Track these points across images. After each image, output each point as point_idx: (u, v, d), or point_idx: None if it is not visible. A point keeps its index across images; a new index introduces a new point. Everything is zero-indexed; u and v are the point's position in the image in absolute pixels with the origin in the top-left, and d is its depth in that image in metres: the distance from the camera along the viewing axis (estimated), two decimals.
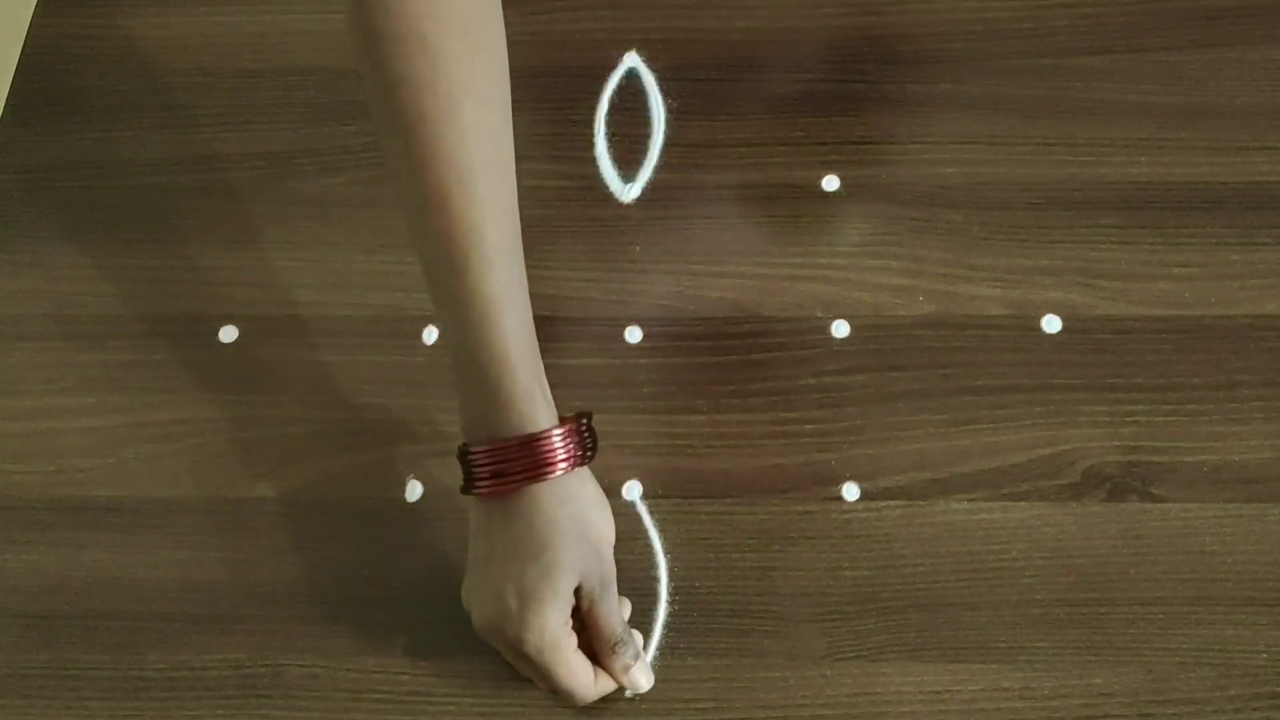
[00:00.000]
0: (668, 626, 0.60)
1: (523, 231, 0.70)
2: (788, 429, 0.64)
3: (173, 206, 0.72)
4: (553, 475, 0.54)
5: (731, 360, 0.66)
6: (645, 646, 0.60)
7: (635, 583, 0.61)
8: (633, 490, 0.63)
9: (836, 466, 0.63)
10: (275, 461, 0.65)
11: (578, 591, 0.55)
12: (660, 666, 0.60)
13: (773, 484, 0.63)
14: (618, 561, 0.57)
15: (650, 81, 0.74)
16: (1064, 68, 0.73)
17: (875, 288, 0.68)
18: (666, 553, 0.62)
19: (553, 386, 0.65)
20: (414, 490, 0.64)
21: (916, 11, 0.76)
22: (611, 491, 0.63)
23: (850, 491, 0.63)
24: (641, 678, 0.58)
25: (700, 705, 0.59)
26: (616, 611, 0.57)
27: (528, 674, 0.57)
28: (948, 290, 0.68)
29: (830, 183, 0.71)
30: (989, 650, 0.59)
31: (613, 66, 0.75)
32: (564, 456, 0.55)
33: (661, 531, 0.62)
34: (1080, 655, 0.59)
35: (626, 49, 0.75)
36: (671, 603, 0.61)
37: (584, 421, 0.57)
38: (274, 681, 0.60)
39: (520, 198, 0.71)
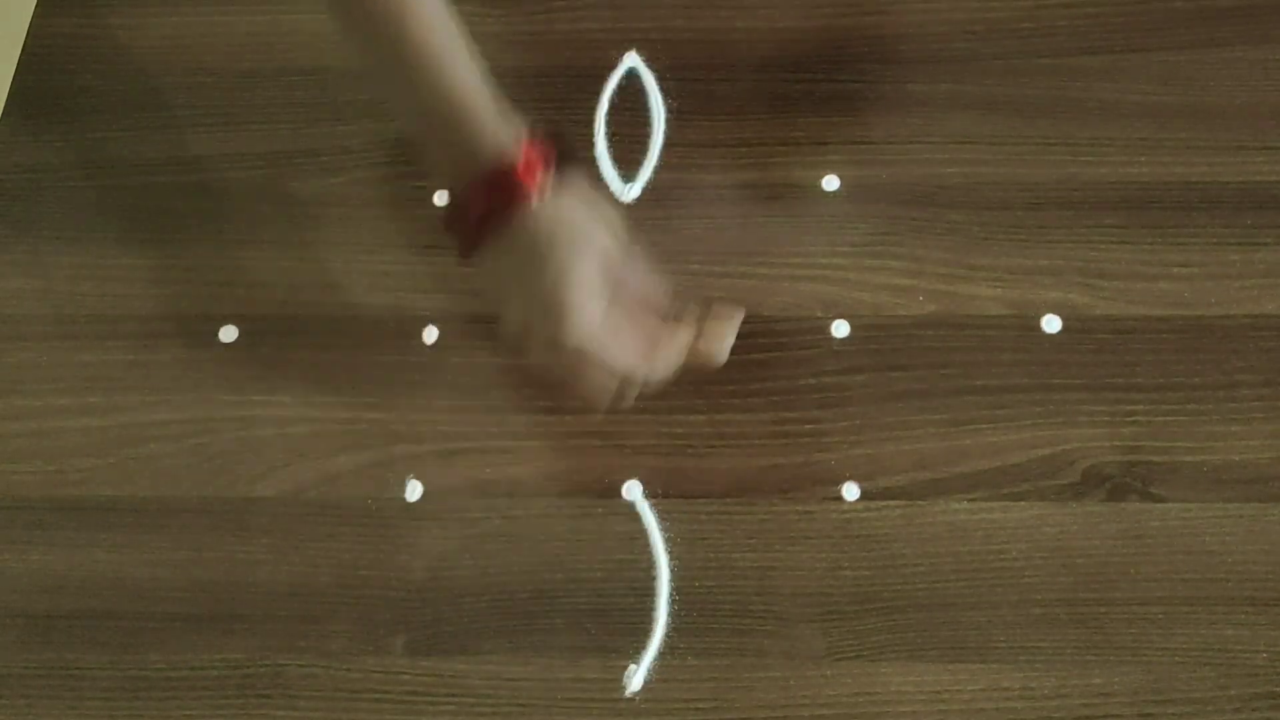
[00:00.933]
0: (668, 626, 0.60)
1: None
2: (788, 429, 0.64)
3: (173, 206, 0.72)
4: (541, 188, 0.56)
5: (731, 360, 0.66)
6: (645, 646, 0.60)
7: (635, 583, 0.61)
8: (633, 490, 0.63)
9: (836, 466, 0.63)
10: (275, 461, 0.65)
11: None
12: (660, 666, 0.60)
13: (773, 484, 0.63)
14: (618, 561, 0.58)
15: (650, 81, 0.74)
16: (1064, 68, 0.73)
17: (875, 287, 0.68)
18: (667, 553, 0.62)
19: (553, 386, 0.65)
20: (414, 490, 0.64)
21: (916, 11, 0.76)
22: (611, 491, 0.63)
23: (850, 491, 0.63)
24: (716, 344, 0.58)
25: (700, 705, 0.59)
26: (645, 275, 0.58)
27: (563, 374, 0.57)
28: (948, 290, 0.68)
29: (830, 182, 0.71)
30: (989, 650, 0.59)
31: (613, 66, 0.75)
32: (543, 165, 0.56)
33: (662, 531, 0.62)
34: (1080, 655, 0.59)
35: (626, 49, 0.75)
36: (672, 603, 0.61)
37: (544, 134, 0.58)
38: (274, 681, 0.60)
39: None
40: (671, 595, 0.61)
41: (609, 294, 0.57)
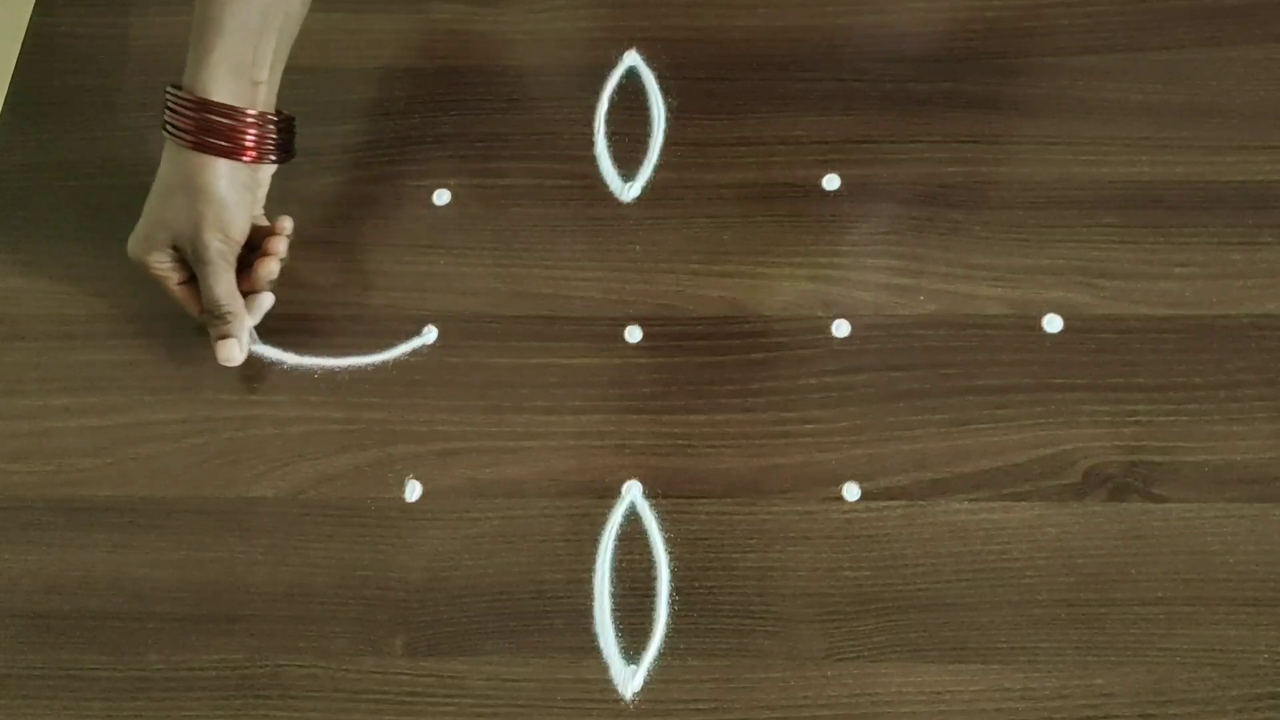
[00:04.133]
0: (668, 627, 0.60)
1: (523, 230, 0.70)
2: (788, 429, 0.64)
3: None
4: (184, 142, 0.63)
5: (731, 360, 0.66)
6: (645, 647, 0.60)
7: (635, 583, 0.61)
8: (633, 490, 0.63)
9: (837, 466, 0.63)
10: (275, 461, 0.65)
11: (181, 250, 0.65)
12: (660, 667, 0.59)
13: (773, 484, 0.63)
14: (618, 560, 0.58)
15: (650, 80, 0.74)
16: (1065, 67, 0.73)
17: (876, 287, 0.68)
18: (667, 553, 0.62)
19: (553, 386, 0.66)
20: (414, 490, 0.64)
21: (916, 11, 0.76)
22: (611, 492, 0.63)
23: (851, 491, 0.63)
24: (224, 349, 0.65)
25: (700, 705, 0.59)
26: (216, 287, 0.64)
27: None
28: (949, 290, 0.67)
29: (831, 182, 0.71)
30: (990, 651, 0.59)
31: (612, 65, 0.75)
32: (196, 133, 0.63)
33: (662, 531, 0.62)
34: (1081, 655, 0.59)
35: (626, 48, 0.75)
36: (672, 603, 0.61)
37: (272, 122, 0.65)
38: (273, 681, 0.60)
39: (520, 197, 0.72)
40: (671, 595, 0.61)
41: (191, 262, 0.65)
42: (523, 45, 0.76)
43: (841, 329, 0.67)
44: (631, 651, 0.60)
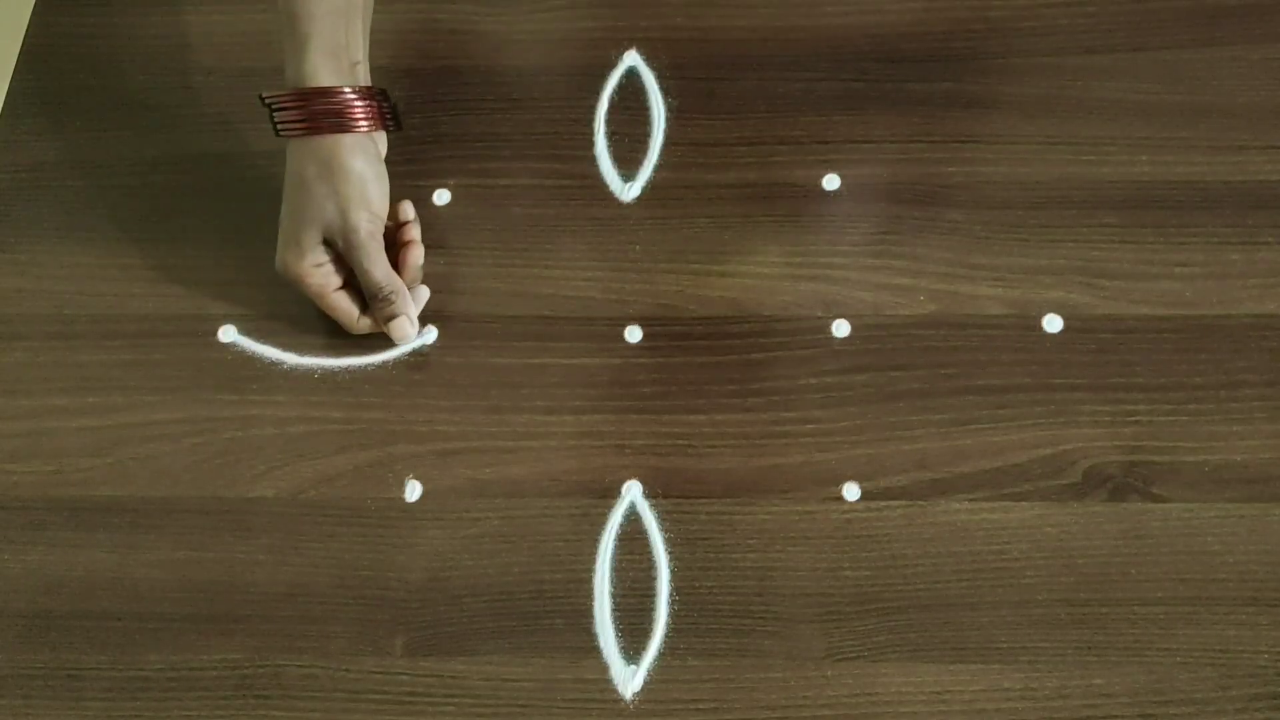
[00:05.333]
0: (668, 627, 0.60)
1: (523, 230, 0.70)
2: (788, 429, 0.64)
3: (173, 206, 0.72)
4: (308, 133, 0.64)
5: (731, 360, 0.66)
6: (645, 647, 0.60)
7: (635, 583, 0.61)
8: (633, 490, 0.63)
9: (837, 466, 0.63)
10: (275, 461, 0.65)
11: (333, 244, 0.65)
12: (660, 667, 0.59)
13: (773, 484, 0.63)
14: (618, 560, 0.58)
15: (650, 80, 0.74)
16: (1065, 67, 0.73)
17: (876, 287, 0.68)
18: (667, 553, 0.62)
19: (553, 386, 0.66)
20: (414, 490, 0.64)
21: (917, 10, 0.76)
22: (611, 492, 0.63)
23: (851, 491, 0.63)
24: (398, 329, 0.66)
25: (700, 706, 0.59)
26: (374, 269, 0.65)
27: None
28: (949, 290, 0.67)
29: (831, 181, 0.71)
30: (990, 650, 0.59)
31: (612, 65, 0.75)
32: (322, 120, 0.63)
33: (662, 531, 0.62)
34: (1081, 655, 0.59)
35: (626, 48, 0.75)
36: (672, 603, 0.61)
37: (377, 95, 0.66)
38: (273, 682, 0.60)
39: (520, 197, 0.72)
40: (671, 595, 0.61)
41: (340, 249, 0.65)
42: (523, 45, 0.76)
43: (841, 329, 0.67)
44: (631, 651, 0.60)
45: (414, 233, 0.68)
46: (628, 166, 0.72)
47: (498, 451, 0.65)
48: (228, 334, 0.68)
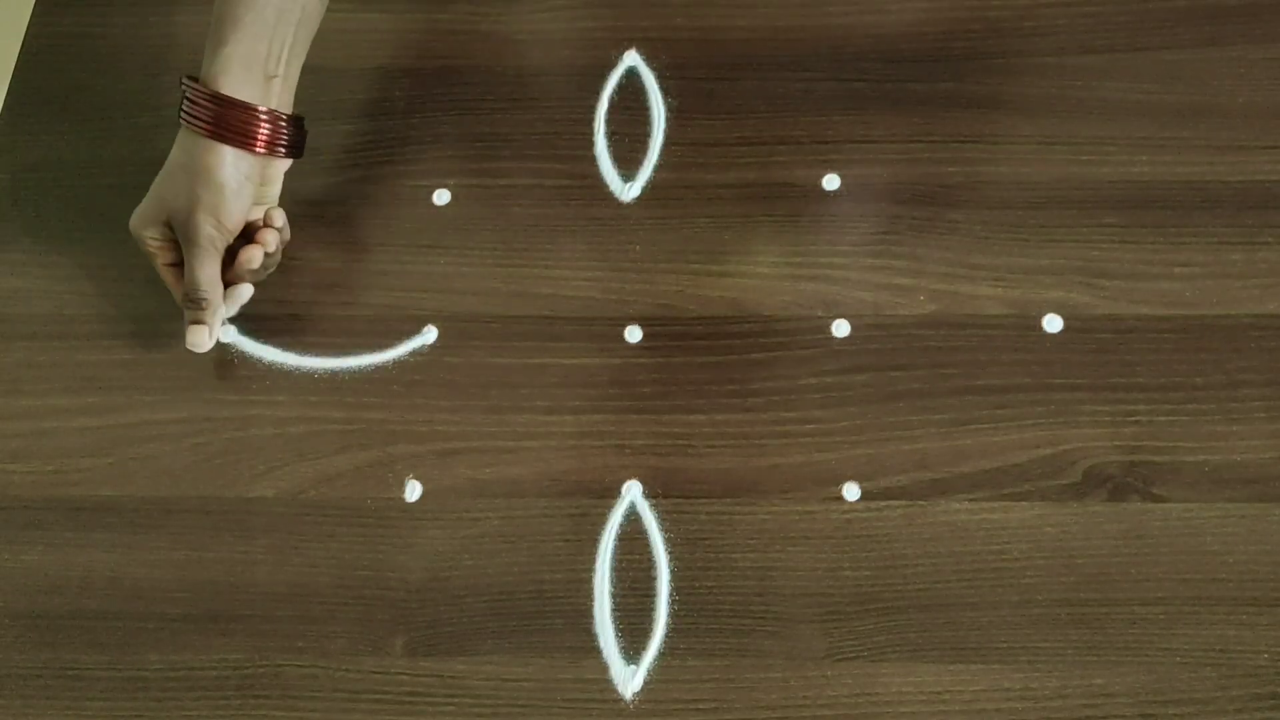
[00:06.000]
0: (668, 627, 0.60)
1: (523, 230, 0.70)
2: (788, 429, 0.64)
3: None
4: (196, 129, 0.64)
5: (731, 360, 0.66)
6: (645, 647, 0.60)
7: (635, 583, 0.61)
8: (632, 490, 0.63)
9: (837, 466, 0.63)
10: (275, 461, 0.65)
11: (175, 232, 0.66)
12: (660, 667, 0.59)
13: (773, 484, 0.63)
14: (618, 560, 0.58)
15: (650, 80, 0.74)
16: (1065, 67, 0.73)
17: (876, 287, 0.68)
18: (667, 553, 0.62)
19: (553, 386, 0.66)
20: (413, 490, 0.64)
21: (917, 10, 0.76)
22: (611, 492, 0.63)
23: (851, 491, 0.63)
24: (193, 334, 0.65)
25: (700, 705, 0.59)
26: (197, 271, 0.65)
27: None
28: (949, 290, 0.67)
29: (831, 181, 0.71)
30: (990, 650, 0.59)
31: (612, 65, 0.75)
32: (209, 122, 0.63)
33: (662, 531, 0.62)
34: (1081, 655, 0.59)
35: (626, 47, 0.75)
36: (672, 603, 0.61)
37: (283, 117, 0.66)
38: (273, 682, 0.60)
39: (520, 197, 0.72)
40: (671, 595, 0.61)
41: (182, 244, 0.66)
42: (523, 45, 0.76)
43: (841, 329, 0.67)
44: (631, 651, 0.60)
45: (265, 237, 0.67)
46: (628, 166, 0.72)
47: (498, 451, 0.65)
48: (228, 334, 0.68)
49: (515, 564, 0.62)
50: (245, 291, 0.67)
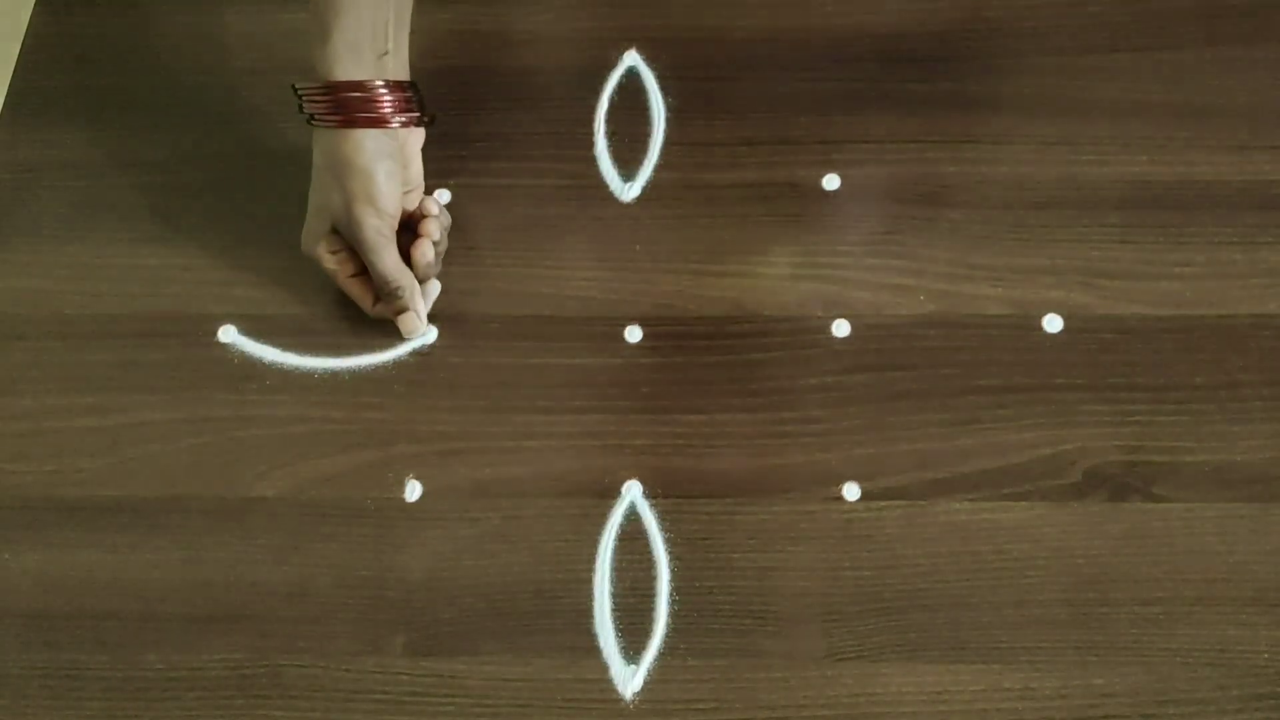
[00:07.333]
0: (668, 627, 0.60)
1: (523, 230, 0.71)
2: (788, 429, 0.64)
3: (173, 206, 0.72)
4: (326, 124, 0.64)
5: (731, 360, 0.66)
6: (645, 647, 0.60)
7: (635, 583, 0.61)
8: (633, 490, 0.63)
9: (837, 466, 0.63)
10: (275, 461, 0.65)
11: (344, 238, 0.66)
12: (660, 667, 0.59)
13: (773, 484, 0.63)
14: (618, 560, 0.58)
15: (650, 80, 0.74)
16: (1065, 67, 0.73)
17: (876, 287, 0.68)
18: (667, 553, 0.62)
19: (553, 386, 0.66)
20: (413, 490, 0.64)
21: (917, 10, 0.76)
22: (611, 491, 0.63)
23: (851, 491, 0.63)
24: (405, 323, 0.66)
25: (700, 705, 0.59)
26: (380, 263, 0.65)
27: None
28: (949, 289, 0.67)
29: (831, 181, 0.71)
30: (990, 650, 0.59)
31: (612, 65, 0.75)
32: (334, 112, 0.63)
33: (662, 531, 0.62)
34: (1082, 655, 0.59)
35: (626, 47, 0.75)
36: (672, 603, 0.61)
37: (407, 89, 0.66)
38: (272, 681, 0.60)
39: (520, 197, 0.72)
40: (671, 595, 0.61)
41: (353, 244, 0.66)
42: (523, 45, 0.76)
43: (841, 329, 0.67)
44: (631, 651, 0.60)
45: (428, 227, 0.67)
46: (628, 166, 0.72)
47: (498, 451, 0.65)
48: (228, 334, 0.68)
49: (515, 564, 0.62)
50: (433, 288, 0.67)
